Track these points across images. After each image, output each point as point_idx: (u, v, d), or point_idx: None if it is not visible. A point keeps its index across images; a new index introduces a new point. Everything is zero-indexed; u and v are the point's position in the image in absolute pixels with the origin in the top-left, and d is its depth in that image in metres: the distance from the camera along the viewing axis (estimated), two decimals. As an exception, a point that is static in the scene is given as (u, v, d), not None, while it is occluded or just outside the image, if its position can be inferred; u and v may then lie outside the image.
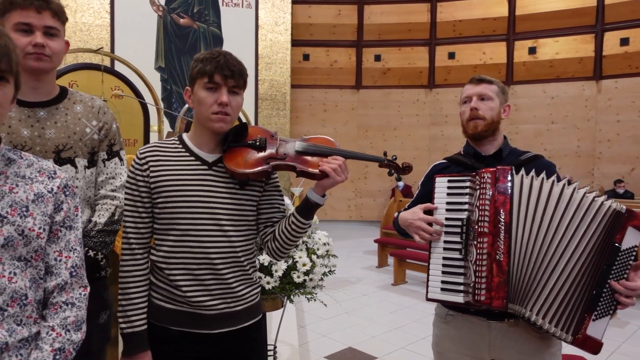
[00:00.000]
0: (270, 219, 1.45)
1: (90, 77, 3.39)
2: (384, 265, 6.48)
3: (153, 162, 1.34)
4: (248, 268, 1.40)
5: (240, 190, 1.37)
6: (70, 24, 7.11)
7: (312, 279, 1.97)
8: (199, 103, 1.33)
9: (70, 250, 1.08)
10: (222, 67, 1.30)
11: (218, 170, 1.36)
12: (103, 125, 1.52)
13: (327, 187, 1.36)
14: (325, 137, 1.48)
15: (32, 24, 1.32)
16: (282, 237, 1.40)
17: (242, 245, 1.37)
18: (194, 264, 1.31)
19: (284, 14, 8.53)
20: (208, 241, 1.32)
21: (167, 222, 1.33)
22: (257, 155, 1.37)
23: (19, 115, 1.37)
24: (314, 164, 1.37)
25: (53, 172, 1.09)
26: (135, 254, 1.35)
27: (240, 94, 1.37)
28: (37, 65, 1.35)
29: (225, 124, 1.33)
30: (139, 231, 1.35)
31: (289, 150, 1.40)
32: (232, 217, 1.35)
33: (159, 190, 1.32)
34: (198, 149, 1.37)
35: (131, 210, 1.35)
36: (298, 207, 1.39)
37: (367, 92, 10.46)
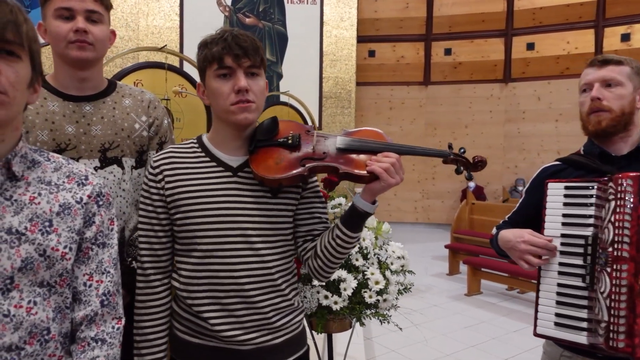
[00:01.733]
0: (310, 231, 1.20)
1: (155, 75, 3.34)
2: (455, 273, 6.04)
3: (168, 172, 1.12)
4: (287, 292, 1.15)
5: (272, 199, 1.13)
6: (142, 27, 7.33)
7: (386, 300, 1.70)
8: (214, 95, 1.09)
9: (102, 273, 0.89)
10: (231, 47, 1.06)
11: (245, 177, 1.12)
12: (153, 121, 1.35)
13: (378, 192, 1.08)
14: (373, 129, 1.19)
15: (73, 8, 1.18)
16: (325, 254, 1.14)
17: (278, 264, 1.13)
18: (220, 290, 1.09)
19: (350, 8, 8.28)
20: (236, 262, 1.08)
21: (188, 241, 1.10)
22: (290, 156, 1.12)
23: (63, 110, 1.23)
24: (360, 163, 1.10)
25: (84, 178, 0.90)
26: (151, 281, 1.13)
27: (260, 75, 1.12)
28: (79, 54, 1.20)
29: (250, 113, 1.09)
30: (154, 253, 1.13)
31: (329, 147, 1.13)
32: (263, 231, 1.11)
33: (176, 205, 1.10)
34: (220, 151, 1.14)
35: (146, 229, 1.14)
36: (343, 217, 1.13)
37: (436, 88, 9.96)
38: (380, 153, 1.09)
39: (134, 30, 7.26)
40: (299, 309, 1.20)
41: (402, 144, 1.15)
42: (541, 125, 9.26)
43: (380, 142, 1.14)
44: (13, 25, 0.77)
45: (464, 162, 1.21)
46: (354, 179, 1.10)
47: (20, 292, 0.79)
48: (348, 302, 1.71)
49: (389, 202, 9.75)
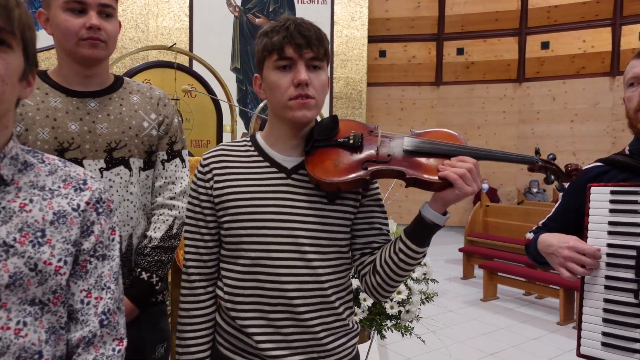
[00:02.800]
0: (369, 244, 1.08)
1: (164, 75, 3.27)
2: (470, 277, 5.90)
3: (218, 171, 1.03)
4: (341, 310, 1.04)
5: (328, 205, 1.02)
6: (152, 28, 7.29)
7: (408, 311, 1.59)
8: (271, 89, 1.00)
9: (102, 289, 0.79)
10: (293, 36, 0.96)
11: (299, 179, 1.02)
12: (163, 119, 1.26)
13: (451, 201, 0.96)
14: (446, 130, 1.06)
15: (86, 2, 1.08)
16: (386, 270, 1.02)
17: (332, 279, 1.02)
18: (266, 303, 0.99)
19: (361, 8, 8.18)
20: (285, 274, 0.98)
21: (234, 247, 1.01)
22: (351, 157, 1.01)
23: (67, 106, 1.14)
24: (431, 168, 0.97)
25: (82, 182, 0.81)
26: (195, 288, 1.05)
27: (323, 69, 1.01)
28: (92, 53, 1.11)
29: (309, 110, 0.99)
30: (200, 258, 1.05)
31: (395, 149, 1.01)
32: (317, 241, 1.00)
33: (224, 207, 1.01)
34: (274, 151, 1.05)
35: (192, 232, 1.05)
36: (408, 229, 1.00)
37: (447, 88, 9.81)
38: (455, 157, 0.97)
39: (143, 32, 7.22)
40: (354, 331, 1.08)
41: (481, 148, 1.01)
42: (556, 126, 9.08)
43: (454, 144, 1.01)
44: (2, 10, 0.68)
45: (555, 171, 1.06)
46: (423, 185, 0.97)
47: (7, 311, 0.70)
48: (368, 313, 1.60)
49: (400, 204, 9.60)
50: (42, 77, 1.16)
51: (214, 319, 1.07)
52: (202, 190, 1.04)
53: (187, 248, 1.06)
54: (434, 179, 0.95)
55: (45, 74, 1.17)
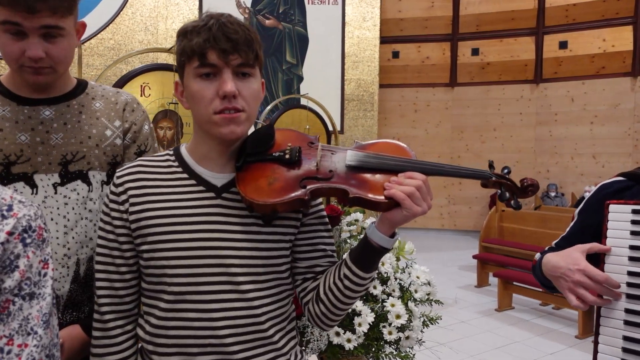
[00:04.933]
0: (311, 267, 0.96)
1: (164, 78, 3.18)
2: (484, 285, 5.71)
3: (134, 191, 0.90)
4: (281, 344, 0.92)
5: (264, 227, 0.90)
6: (161, 30, 7.25)
7: (408, 337, 1.45)
8: (194, 100, 0.87)
9: (27, 334, 0.68)
10: (217, 39, 0.82)
11: (231, 199, 0.90)
12: (130, 126, 1.14)
13: (399, 223, 0.84)
14: (393, 141, 0.94)
15: (23, 25, 0.93)
16: (330, 298, 0.90)
17: (270, 310, 0.90)
18: (193, 345, 0.86)
19: (373, 8, 8.03)
20: (216, 309, 0.85)
21: (155, 280, 0.88)
22: (287, 174, 0.89)
23: (16, 115, 1.02)
24: (376, 185, 0.86)
25: (7, 208, 0.69)
26: (110, 329, 0.91)
27: (254, 76, 0.88)
28: (36, 79, 0.99)
29: (239, 125, 0.86)
30: (116, 294, 0.91)
31: (337, 164, 0.89)
32: (252, 269, 0.88)
33: (142, 233, 0.88)
34: (201, 166, 0.91)
35: (105, 264, 0.92)
36: (353, 252, 0.89)
37: (462, 89, 9.61)
38: (403, 173, 0.86)
39: (152, 34, 7.19)
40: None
41: (430, 162, 0.90)
42: (575, 128, 8.80)
43: (402, 158, 0.90)
44: None
45: (510, 186, 0.95)
46: (367, 205, 0.87)
47: None
48: (364, 339, 1.47)
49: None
50: None
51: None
52: (116, 215, 0.90)
53: (99, 282, 0.93)
54: (380, 198, 0.84)
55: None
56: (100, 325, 0.93)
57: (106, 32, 6.80)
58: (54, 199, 1.03)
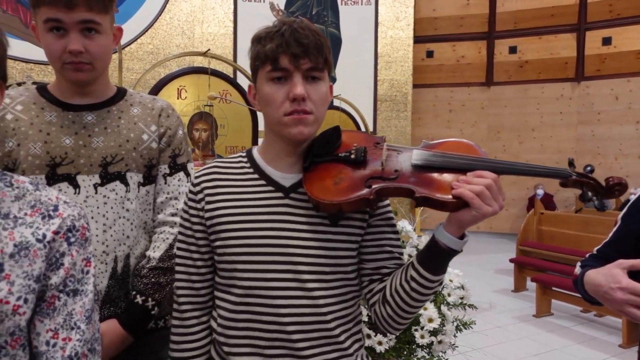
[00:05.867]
0: (378, 269, 0.95)
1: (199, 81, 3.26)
2: (521, 290, 5.54)
3: (210, 190, 0.94)
4: (347, 345, 0.92)
5: (331, 227, 0.91)
6: (197, 34, 7.42)
7: (441, 341, 1.42)
8: (265, 103, 0.90)
9: (71, 328, 0.71)
10: (288, 44, 0.85)
11: (299, 199, 0.91)
12: (165, 131, 1.18)
13: (468, 223, 0.82)
14: (462, 140, 0.91)
15: (64, 21, 1.00)
16: (396, 300, 0.89)
17: (335, 310, 0.91)
18: (262, 338, 0.88)
19: (407, 7, 7.96)
20: (283, 305, 0.88)
21: (228, 275, 0.91)
22: (353, 174, 0.89)
23: (62, 120, 1.08)
24: (444, 185, 0.84)
25: (52, 208, 0.73)
26: (187, 319, 0.96)
27: (323, 80, 0.90)
28: (77, 77, 1.05)
29: (307, 126, 0.88)
30: (192, 286, 0.96)
31: (403, 164, 0.88)
32: (318, 268, 0.89)
33: (216, 230, 0.92)
34: (271, 167, 0.94)
35: (184, 257, 0.96)
36: (420, 254, 0.87)
37: (499, 88, 9.38)
38: (472, 172, 0.84)
39: (189, 38, 7.36)
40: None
41: (501, 160, 0.87)
42: (619, 128, 8.43)
43: (470, 157, 0.88)
44: None
45: (593, 186, 0.89)
46: (434, 205, 0.85)
47: None
48: (395, 342, 1.45)
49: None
50: (41, 91, 1.12)
51: (208, 352, 0.97)
52: (194, 212, 0.95)
53: (178, 275, 0.98)
54: (447, 198, 0.82)
55: (45, 88, 1.13)
56: (178, 315, 0.97)
57: (145, 37, 7.01)
58: (95, 198, 1.08)
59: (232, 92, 3.37)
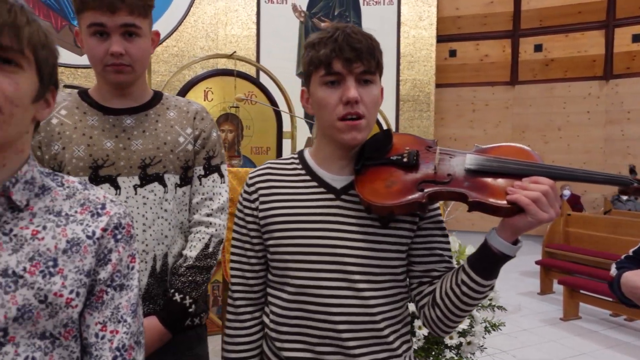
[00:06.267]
0: (428, 272, 0.97)
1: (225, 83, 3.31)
2: (547, 292, 5.44)
3: (264, 190, 0.98)
4: (396, 345, 0.94)
5: (381, 229, 0.92)
6: (221, 36, 7.51)
7: (470, 343, 1.42)
8: (319, 106, 0.92)
9: (118, 321, 0.74)
10: (342, 49, 0.87)
11: (350, 201, 0.94)
12: (200, 133, 1.22)
13: (523, 230, 0.82)
14: (518, 145, 0.91)
15: (107, 25, 1.05)
16: (446, 303, 0.90)
17: (385, 310, 0.93)
18: (313, 335, 0.91)
19: (429, 7, 7.90)
20: (333, 304, 0.90)
21: (280, 273, 0.95)
22: (404, 177, 0.90)
23: (103, 124, 1.13)
24: (498, 190, 0.84)
25: (100, 207, 0.76)
26: (241, 314, 1.00)
27: (375, 83, 0.91)
28: (117, 78, 1.10)
29: (360, 132, 0.90)
30: (246, 282, 1.00)
31: (456, 168, 0.89)
32: (368, 269, 0.91)
33: (269, 229, 0.95)
34: (323, 169, 0.96)
35: (239, 255, 1.01)
36: (471, 258, 0.88)
37: (524, 87, 9.22)
38: (527, 177, 0.84)
39: (213, 40, 7.46)
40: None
41: (558, 166, 0.86)
42: (650, 127, 8.21)
43: (527, 162, 0.87)
44: (10, 29, 0.64)
45: None
46: (487, 209, 0.84)
47: (15, 346, 0.66)
48: (424, 342, 1.45)
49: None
50: (83, 96, 1.17)
51: (261, 346, 1.01)
52: (248, 211, 0.99)
53: (233, 271, 1.02)
54: (502, 203, 0.82)
55: (86, 93, 1.18)
56: (232, 310, 1.01)
57: (171, 39, 7.14)
58: (134, 199, 1.12)
59: (257, 93, 3.41)
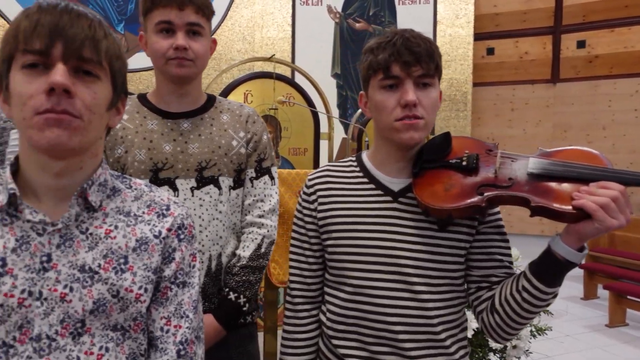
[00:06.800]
0: (487, 277, 0.96)
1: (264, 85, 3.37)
2: (592, 298, 5.26)
3: (322, 192, 1.01)
4: (453, 350, 0.95)
5: (439, 232, 0.93)
6: (257, 39, 7.63)
7: (515, 346, 1.40)
8: (377, 109, 0.94)
9: (181, 317, 0.79)
10: (400, 53, 0.89)
11: (407, 203, 0.95)
12: (252, 136, 1.26)
13: (589, 236, 0.80)
14: (584, 148, 0.90)
15: (174, 22, 1.12)
16: (506, 309, 0.89)
17: (442, 314, 0.94)
18: (369, 335, 0.93)
19: (466, 4, 7.78)
20: (389, 305, 0.92)
21: (338, 273, 0.98)
22: (464, 181, 0.90)
23: (162, 128, 1.19)
24: (563, 195, 0.82)
25: (165, 208, 0.81)
26: (299, 311, 1.04)
27: (433, 86, 0.93)
28: (179, 72, 1.15)
29: (417, 131, 0.92)
30: (304, 281, 1.04)
31: (518, 172, 0.88)
32: (426, 272, 0.93)
33: (327, 230, 0.99)
34: (380, 172, 0.99)
35: (297, 254, 1.05)
36: (534, 265, 0.87)
37: (566, 85, 8.92)
38: (595, 182, 0.81)
39: (249, 43, 7.59)
40: None
41: (629, 171, 0.82)
42: (703, 125, 7.78)
43: (593, 166, 0.85)
44: (91, 42, 0.69)
45: None
46: (551, 215, 0.83)
47: (91, 336, 0.71)
48: (468, 345, 1.45)
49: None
50: (142, 100, 1.23)
51: (317, 343, 1.04)
52: (307, 212, 1.03)
53: (292, 270, 1.05)
54: (567, 208, 0.80)
55: (145, 97, 1.23)
56: (291, 307, 1.06)
57: (209, 43, 7.30)
58: (191, 201, 1.17)
59: (294, 94, 3.46)
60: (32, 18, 0.66)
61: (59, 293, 0.69)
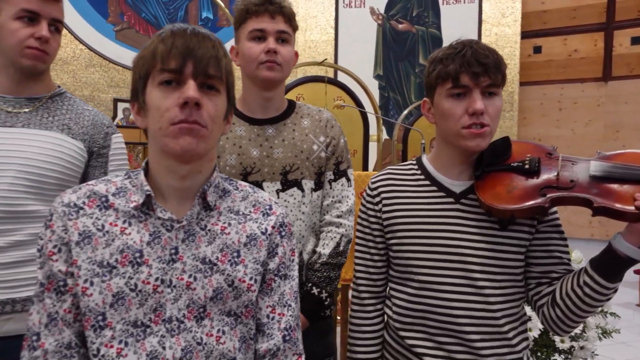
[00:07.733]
0: (547, 273, 1.01)
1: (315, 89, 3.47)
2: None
3: (386, 194, 1.08)
4: (515, 342, 1.00)
5: (500, 231, 0.99)
6: (301, 42, 7.76)
7: (583, 347, 1.42)
8: (444, 116, 1.00)
9: (284, 306, 0.87)
10: (470, 64, 0.94)
11: (469, 204, 1.01)
12: (330, 140, 1.34)
13: None
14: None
15: (266, 30, 1.22)
16: (567, 303, 0.94)
17: (504, 308, 0.99)
18: (435, 327, 1.00)
19: (513, 2, 7.63)
20: (454, 299, 0.98)
21: (403, 269, 1.05)
22: (526, 183, 0.95)
23: (249, 134, 1.28)
24: (625, 196, 0.88)
25: (269, 207, 0.89)
26: (365, 305, 1.11)
27: (499, 95, 0.99)
28: (268, 74, 1.24)
29: (484, 139, 0.98)
30: (370, 277, 1.11)
31: (580, 174, 0.93)
32: (488, 268, 0.98)
33: (392, 230, 1.05)
34: (442, 175, 1.04)
35: (362, 252, 1.11)
36: (595, 261, 0.92)
37: (618, 83, 8.58)
38: None
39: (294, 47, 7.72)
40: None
41: None
42: None
43: None
44: (215, 60, 0.79)
45: None
46: (613, 215, 0.89)
47: (211, 320, 0.81)
48: (533, 345, 1.47)
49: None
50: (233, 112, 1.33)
51: (383, 336, 1.11)
52: (372, 213, 1.09)
53: (357, 267, 1.12)
54: (629, 209, 0.86)
55: None
56: (358, 301, 1.13)
57: (254, 47, 7.47)
58: None
59: (345, 97, 3.53)
60: (167, 42, 0.76)
61: (185, 282, 0.79)
